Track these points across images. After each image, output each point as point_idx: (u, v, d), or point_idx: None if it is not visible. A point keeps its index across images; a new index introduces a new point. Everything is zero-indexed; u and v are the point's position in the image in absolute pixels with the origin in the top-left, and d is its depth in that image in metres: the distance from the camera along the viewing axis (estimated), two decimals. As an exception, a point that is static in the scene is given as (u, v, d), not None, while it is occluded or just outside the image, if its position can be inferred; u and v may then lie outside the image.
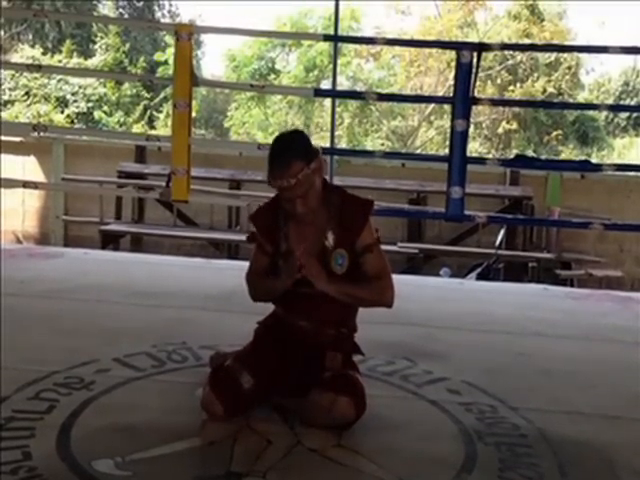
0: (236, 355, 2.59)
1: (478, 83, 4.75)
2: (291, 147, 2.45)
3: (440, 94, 16.83)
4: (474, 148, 17.54)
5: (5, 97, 16.57)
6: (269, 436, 2.36)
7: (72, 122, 16.71)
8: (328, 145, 10.17)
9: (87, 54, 18.74)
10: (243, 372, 2.47)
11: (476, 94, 4.53)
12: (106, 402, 2.58)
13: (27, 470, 2.07)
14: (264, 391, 2.50)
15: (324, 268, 2.49)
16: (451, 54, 5.09)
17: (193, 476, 2.13)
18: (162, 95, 17.86)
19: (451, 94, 4.53)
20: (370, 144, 18.38)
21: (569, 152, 18.99)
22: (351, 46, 17.89)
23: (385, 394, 2.81)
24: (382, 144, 18.75)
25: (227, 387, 2.45)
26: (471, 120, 4.65)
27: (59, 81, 16.96)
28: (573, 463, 2.33)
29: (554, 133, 18.93)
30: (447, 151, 4.53)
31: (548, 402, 2.83)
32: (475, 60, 4.36)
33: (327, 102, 16.28)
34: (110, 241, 9.35)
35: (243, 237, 9.23)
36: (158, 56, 17.62)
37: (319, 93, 11.02)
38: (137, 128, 17.35)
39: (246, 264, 2.72)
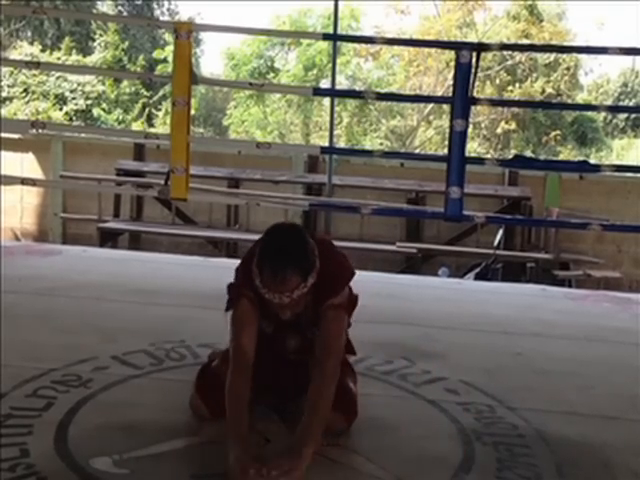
0: (223, 355, 2.54)
1: (477, 83, 4.74)
2: (289, 258, 2.16)
3: (439, 94, 16.84)
4: (473, 148, 17.55)
5: (4, 94, 16.55)
6: (267, 434, 2.36)
7: (71, 119, 16.69)
8: (327, 144, 10.22)
9: (86, 51, 18.73)
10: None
11: (475, 94, 4.53)
12: (104, 400, 2.58)
13: (25, 467, 2.07)
14: (251, 391, 2.43)
15: (298, 334, 2.40)
16: (450, 54, 5.09)
17: (191, 474, 2.13)
18: (161, 93, 17.86)
19: (450, 94, 4.52)
20: (369, 143, 18.38)
21: (568, 153, 19.00)
22: (350, 45, 17.91)
23: (383, 393, 2.81)
24: (381, 143, 18.75)
25: (212, 389, 2.40)
26: (470, 120, 4.64)
27: (58, 78, 16.95)
28: (571, 463, 2.33)
29: (553, 134, 18.94)
30: (446, 151, 4.52)
31: (546, 402, 2.83)
32: (474, 60, 4.35)
33: (326, 101, 16.31)
34: (108, 239, 9.36)
35: (242, 236, 9.27)
36: (157, 54, 17.63)
37: (318, 92, 11.05)
38: (136, 126, 17.35)
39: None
